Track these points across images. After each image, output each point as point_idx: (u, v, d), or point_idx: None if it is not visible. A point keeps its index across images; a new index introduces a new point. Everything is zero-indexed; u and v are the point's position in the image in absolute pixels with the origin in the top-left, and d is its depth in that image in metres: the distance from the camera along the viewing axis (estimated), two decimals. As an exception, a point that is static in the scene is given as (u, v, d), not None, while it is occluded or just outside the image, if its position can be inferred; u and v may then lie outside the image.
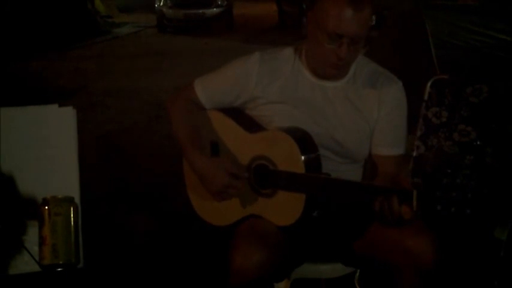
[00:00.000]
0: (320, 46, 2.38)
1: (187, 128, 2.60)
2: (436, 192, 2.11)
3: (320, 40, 2.36)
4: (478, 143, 3.28)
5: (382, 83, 2.54)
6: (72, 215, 2.18)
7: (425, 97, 3.41)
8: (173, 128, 2.64)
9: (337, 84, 2.53)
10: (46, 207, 2.17)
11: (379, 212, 2.20)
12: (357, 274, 2.74)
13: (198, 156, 2.53)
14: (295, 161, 2.39)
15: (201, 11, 17.37)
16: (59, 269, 2.13)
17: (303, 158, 2.38)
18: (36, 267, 2.19)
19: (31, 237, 2.31)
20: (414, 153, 3.41)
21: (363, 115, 2.53)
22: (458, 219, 2.11)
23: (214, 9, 17.55)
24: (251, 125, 2.58)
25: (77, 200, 2.31)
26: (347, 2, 2.29)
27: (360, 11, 2.30)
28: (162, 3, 17.58)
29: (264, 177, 2.48)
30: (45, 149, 2.52)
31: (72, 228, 2.17)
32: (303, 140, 2.43)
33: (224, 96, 2.60)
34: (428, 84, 3.42)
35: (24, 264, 2.34)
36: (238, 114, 2.62)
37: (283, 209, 2.44)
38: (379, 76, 2.56)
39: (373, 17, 2.41)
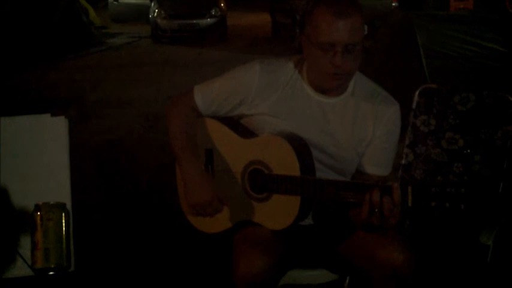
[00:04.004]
0: (316, 60, 2.40)
1: (183, 136, 2.60)
2: (431, 188, 2.16)
3: (315, 54, 2.39)
4: (468, 151, 3.33)
5: (379, 104, 2.55)
6: (63, 221, 2.22)
7: (414, 105, 3.46)
8: (169, 134, 2.65)
9: (335, 100, 2.54)
10: (38, 213, 2.21)
11: (367, 207, 2.27)
12: (347, 281, 2.77)
13: (192, 164, 2.54)
14: (290, 165, 2.42)
15: (195, 21, 17.36)
16: (51, 273, 2.17)
17: (298, 161, 2.41)
18: (28, 271, 2.23)
19: (24, 242, 2.35)
20: (403, 161, 3.45)
21: (357, 133, 2.54)
22: (452, 214, 2.16)
23: (208, 19, 17.54)
24: (246, 131, 2.60)
25: (69, 206, 2.35)
26: (333, 12, 2.33)
27: (347, 18, 2.33)
28: (156, 14, 17.58)
29: (259, 182, 2.51)
30: (38, 157, 2.56)
31: (64, 233, 2.21)
32: (299, 145, 2.45)
33: (223, 105, 2.61)
34: (417, 93, 3.47)
35: (18, 269, 2.38)
36: (233, 122, 2.63)
37: (278, 213, 2.47)
38: (378, 96, 2.56)
39: (365, 27, 2.44)
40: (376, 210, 2.26)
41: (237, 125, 2.63)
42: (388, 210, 2.25)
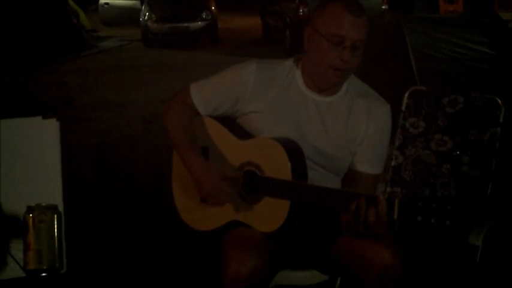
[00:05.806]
0: (322, 53, 2.46)
1: (183, 132, 2.63)
2: (417, 203, 2.19)
3: (322, 47, 2.46)
4: (457, 152, 3.35)
5: (372, 103, 2.61)
6: (55, 222, 2.23)
7: (403, 108, 3.49)
8: (169, 132, 2.67)
9: (330, 99, 2.59)
10: (31, 215, 2.22)
11: (352, 216, 2.29)
12: (338, 281, 2.78)
13: (196, 157, 2.57)
14: (283, 169, 2.45)
15: (185, 24, 17.35)
16: (43, 274, 2.18)
17: (290, 165, 2.44)
18: (21, 273, 2.23)
19: (16, 243, 2.35)
20: (392, 163, 3.47)
21: (350, 132, 2.59)
22: (437, 230, 2.18)
23: (199, 22, 17.54)
24: (242, 132, 2.63)
25: (61, 208, 2.36)
26: (346, 9, 2.43)
27: (358, 16, 2.44)
28: (147, 17, 17.55)
29: (251, 183, 2.53)
30: (30, 159, 2.57)
31: (56, 235, 2.22)
32: (292, 149, 2.48)
33: (220, 103, 2.64)
34: (406, 95, 3.50)
35: (10, 270, 2.38)
36: (229, 122, 2.66)
37: (267, 215, 2.50)
38: (370, 96, 2.63)
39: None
40: (361, 220, 2.29)
41: (233, 124, 2.66)
42: (372, 220, 2.28)
